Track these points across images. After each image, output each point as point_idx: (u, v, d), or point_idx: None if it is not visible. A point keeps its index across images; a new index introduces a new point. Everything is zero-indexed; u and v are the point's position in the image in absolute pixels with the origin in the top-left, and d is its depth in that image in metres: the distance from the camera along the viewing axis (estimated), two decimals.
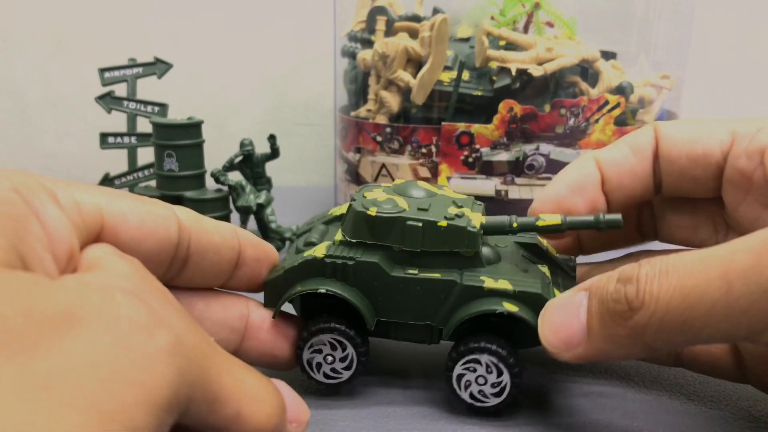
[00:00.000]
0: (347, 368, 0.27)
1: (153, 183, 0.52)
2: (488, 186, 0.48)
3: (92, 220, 0.20)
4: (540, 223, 0.26)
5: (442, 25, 0.46)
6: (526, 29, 0.49)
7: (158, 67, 0.55)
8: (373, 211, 0.25)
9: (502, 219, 0.27)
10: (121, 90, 0.54)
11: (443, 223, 0.25)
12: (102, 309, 0.15)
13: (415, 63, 0.48)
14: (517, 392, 0.26)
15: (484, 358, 0.25)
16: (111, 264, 0.18)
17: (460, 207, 0.26)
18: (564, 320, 0.23)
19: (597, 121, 0.47)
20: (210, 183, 0.49)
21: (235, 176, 0.51)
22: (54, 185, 0.19)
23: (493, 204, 0.48)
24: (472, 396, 0.26)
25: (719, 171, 0.26)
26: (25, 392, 0.13)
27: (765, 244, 0.18)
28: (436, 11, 0.48)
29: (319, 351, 0.27)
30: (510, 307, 0.25)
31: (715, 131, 0.26)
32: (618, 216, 0.26)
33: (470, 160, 0.47)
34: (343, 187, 0.55)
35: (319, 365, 0.27)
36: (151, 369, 0.15)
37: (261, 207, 0.46)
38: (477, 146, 0.47)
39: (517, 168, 0.47)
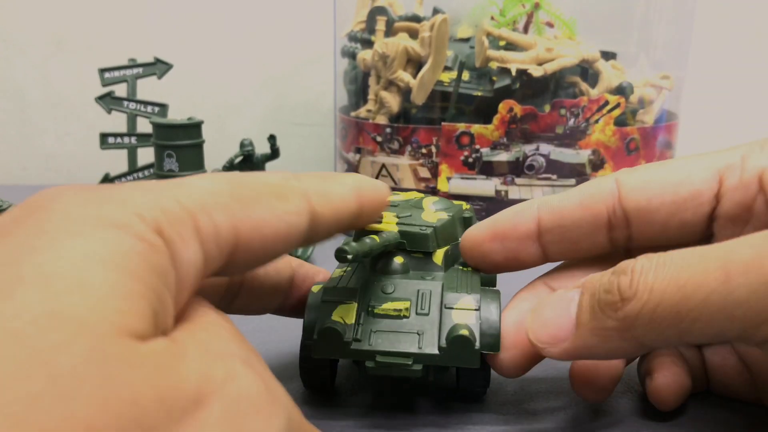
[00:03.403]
0: None
1: None
2: (488, 186, 0.48)
3: (226, 243, 0.18)
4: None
5: (442, 25, 0.46)
6: (526, 29, 0.49)
7: (158, 67, 0.55)
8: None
9: None
10: (121, 90, 0.54)
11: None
12: (224, 386, 0.14)
13: (415, 63, 0.48)
14: None
15: None
16: (215, 322, 0.17)
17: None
18: (554, 315, 0.22)
19: (597, 121, 0.47)
20: None
21: None
22: (195, 205, 0.17)
23: (493, 204, 0.48)
24: None
25: (711, 211, 0.24)
26: None
27: (767, 240, 0.18)
28: (436, 11, 0.48)
29: None
30: None
31: (692, 172, 0.25)
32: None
33: (470, 160, 0.47)
34: None
35: None
36: None
37: None
38: (477, 146, 0.47)
39: (517, 168, 0.47)
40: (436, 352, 0.23)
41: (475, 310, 0.24)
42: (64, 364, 0.12)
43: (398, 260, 0.26)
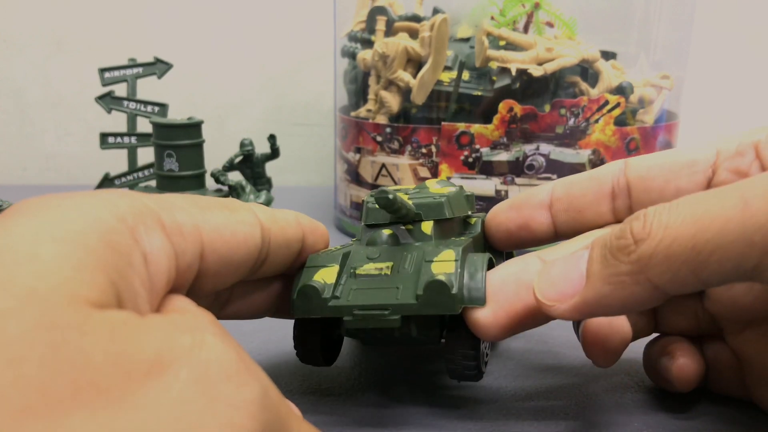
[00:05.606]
0: None
1: (153, 183, 0.52)
2: (488, 186, 0.48)
3: (193, 240, 0.19)
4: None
5: (442, 25, 0.46)
6: (526, 29, 0.49)
7: (158, 67, 0.55)
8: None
9: None
10: (121, 90, 0.54)
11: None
12: (192, 352, 0.15)
13: (415, 63, 0.48)
14: None
15: None
16: (195, 312, 0.18)
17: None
18: (563, 272, 0.22)
19: (597, 121, 0.47)
20: (210, 183, 0.49)
21: (235, 176, 0.52)
22: (156, 205, 0.19)
23: (492, 204, 0.47)
24: None
25: (706, 181, 0.25)
26: None
27: None
28: (436, 11, 0.48)
29: None
30: None
31: (692, 148, 0.26)
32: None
33: (470, 160, 0.47)
34: (343, 188, 0.55)
35: None
36: (239, 424, 0.14)
37: None
38: (477, 146, 0.47)
39: (517, 168, 0.47)
40: (414, 301, 0.23)
41: (455, 260, 0.23)
42: (14, 330, 0.12)
43: (386, 232, 0.26)
